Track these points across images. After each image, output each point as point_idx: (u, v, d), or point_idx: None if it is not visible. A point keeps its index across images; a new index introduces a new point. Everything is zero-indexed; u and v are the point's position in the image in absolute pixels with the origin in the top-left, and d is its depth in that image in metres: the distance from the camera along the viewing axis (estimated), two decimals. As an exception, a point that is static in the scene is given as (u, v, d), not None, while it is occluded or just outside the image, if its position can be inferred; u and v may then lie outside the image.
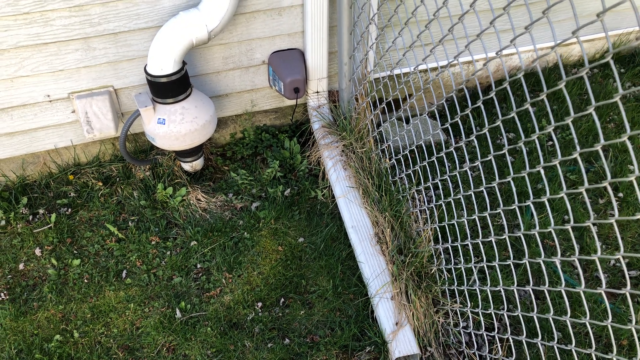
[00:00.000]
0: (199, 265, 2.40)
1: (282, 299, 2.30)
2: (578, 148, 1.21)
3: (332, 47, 2.67)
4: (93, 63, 2.35)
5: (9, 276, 2.37)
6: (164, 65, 2.22)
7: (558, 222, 2.55)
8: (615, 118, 3.06)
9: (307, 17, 2.44)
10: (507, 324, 1.84)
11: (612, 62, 1.06)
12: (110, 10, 2.21)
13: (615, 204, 1.13)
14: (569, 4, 2.96)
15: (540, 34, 3.12)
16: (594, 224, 2.58)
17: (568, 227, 1.33)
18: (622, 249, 1.16)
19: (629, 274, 2.35)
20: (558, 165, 1.31)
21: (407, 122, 3.06)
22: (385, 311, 2.14)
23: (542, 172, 1.37)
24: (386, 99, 2.36)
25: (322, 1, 2.39)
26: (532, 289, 1.73)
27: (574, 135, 1.15)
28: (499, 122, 1.51)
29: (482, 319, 2.01)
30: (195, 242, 2.47)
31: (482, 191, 2.60)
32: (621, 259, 1.18)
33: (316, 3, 2.39)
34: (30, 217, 2.56)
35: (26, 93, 2.35)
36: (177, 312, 2.24)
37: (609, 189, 1.15)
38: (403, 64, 2.82)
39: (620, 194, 2.65)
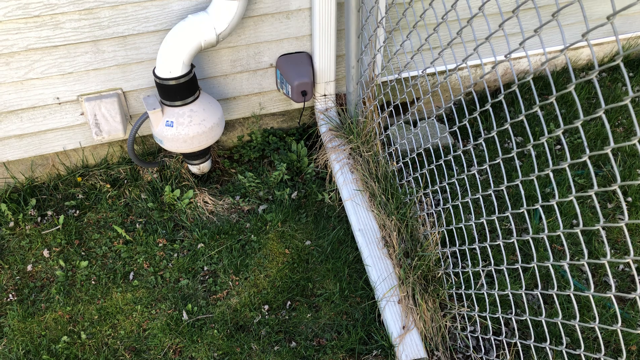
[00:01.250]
0: (205, 268, 2.41)
1: (289, 302, 2.30)
2: (587, 151, 1.20)
3: (340, 50, 2.68)
4: (102, 66, 2.36)
5: (17, 277, 2.38)
6: (173, 68, 2.23)
7: (566, 227, 2.54)
8: (624, 122, 3.04)
9: (315, 20, 2.45)
10: (515, 328, 1.83)
11: (622, 65, 1.06)
12: (119, 14, 2.23)
13: (625, 207, 1.12)
14: (577, 8, 2.95)
15: (548, 37, 3.12)
16: (603, 228, 2.56)
17: (577, 230, 1.33)
18: (632, 252, 1.15)
19: (638, 279, 2.33)
20: (567, 169, 1.30)
21: (415, 125, 3.06)
22: (392, 315, 2.13)
23: (552, 175, 1.36)
24: (394, 102, 2.36)
25: (330, 5, 2.39)
26: (541, 293, 1.72)
27: (583, 138, 1.15)
28: (507, 126, 1.51)
29: (489, 323, 2.00)
30: (202, 245, 2.48)
31: (490, 195, 2.59)
32: (631, 263, 1.17)
33: (324, 7, 2.39)
34: (39, 219, 2.58)
35: (36, 95, 2.37)
36: (184, 314, 2.24)
37: (619, 192, 1.15)
38: (410, 67, 2.82)
39: (629, 199, 2.63)
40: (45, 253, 2.45)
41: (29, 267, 2.41)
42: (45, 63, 2.28)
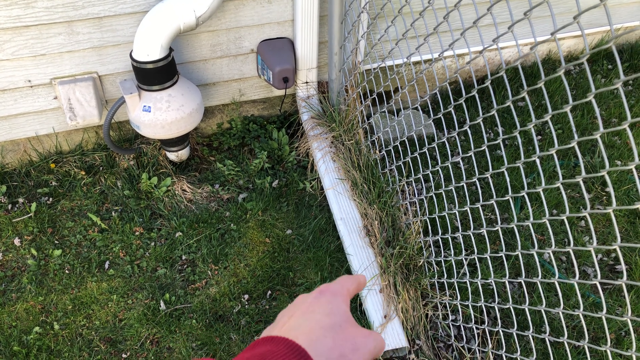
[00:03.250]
0: (184, 257, 2.35)
1: (269, 292, 2.26)
2: (576, 137, 1.19)
3: (323, 36, 2.63)
4: (76, 48, 2.28)
5: (-13, 266, 2.29)
6: (151, 51, 2.16)
7: (543, 215, 2.55)
8: (602, 114, 3.07)
9: (297, 5, 2.40)
10: (498, 316, 1.83)
11: (613, 48, 1.04)
12: (94, -7, 2.14)
13: (612, 193, 1.11)
14: (559, -2, 2.96)
15: (534, 27, 3.12)
16: (590, 215, 2.58)
17: (563, 217, 1.32)
18: (619, 239, 1.15)
19: (616, 269, 2.36)
20: (555, 155, 1.29)
21: (398, 114, 3.03)
22: (374, 304, 2.11)
23: (538, 161, 1.35)
24: (377, 90, 2.33)
25: (313, -11, 2.34)
26: (525, 281, 1.72)
27: (572, 124, 1.13)
28: (494, 112, 1.49)
29: (471, 311, 2.00)
30: (181, 233, 2.42)
31: (473, 182, 2.59)
32: (618, 250, 1.16)
33: (307, -9, 2.35)
34: (10, 206, 2.49)
35: (6, 78, 2.27)
36: (162, 304, 2.19)
37: (607, 178, 1.13)
38: (395, 54, 2.79)
39: (607, 189, 2.66)
40: (16, 241, 2.36)
41: (-1, 256, 2.32)
42: (15, 44, 2.18)
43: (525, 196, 1.44)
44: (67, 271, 2.28)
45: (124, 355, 2.05)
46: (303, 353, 0.47)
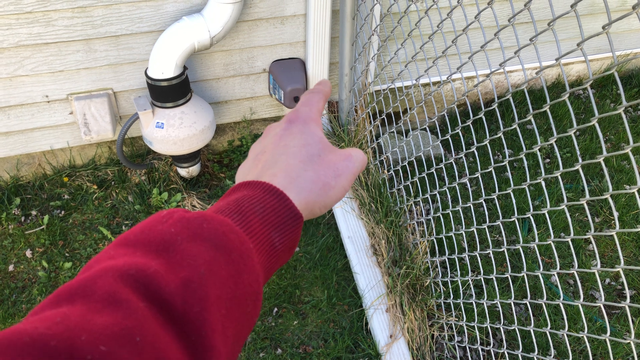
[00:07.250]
0: (192, 272, 2.37)
1: (276, 309, 2.27)
2: (580, 160, 1.21)
3: (333, 57, 2.68)
4: (93, 65, 2.34)
5: (-1, 277, 2.33)
6: (165, 69, 2.21)
7: (555, 238, 2.55)
8: (612, 138, 3.08)
9: (309, 27, 2.45)
10: (503, 338, 1.83)
11: (616, 74, 1.07)
12: (113, 13, 2.21)
13: (616, 215, 1.13)
14: (566, 25, 3.00)
15: (540, 52, 3.15)
16: (594, 237, 2.57)
17: (568, 239, 1.33)
18: (622, 261, 1.15)
19: (624, 294, 2.35)
20: (559, 178, 1.30)
21: (406, 134, 3.06)
22: (380, 323, 2.12)
23: (543, 184, 1.36)
24: (386, 111, 2.37)
25: (325, 12, 2.40)
26: (529, 303, 1.72)
27: (576, 147, 1.15)
28: (500, 134, 1.51)
29: (477, 333, 1.99)
30: (189, 249, 2.44)
31: (480, 204, 2.60)
32: (621, 272, 1.17)
33: (319, 13, 2.40)
34: (23, 218, 2.53)
35: (24, 93, 2.33)
36: (169, 318, 2.20)
37: (610, 200, 1.15)
38: (404, 76, 2.83)
39: (616, 213, 2.65)
40: (28, 253, 2.40)
41: (11, 267, 2.36)
42: (35, 60, 2.25)
43: (531, 218, 1.46)
44: (76, 283, 2.31)
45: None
46: (280, 194, 0.46)
